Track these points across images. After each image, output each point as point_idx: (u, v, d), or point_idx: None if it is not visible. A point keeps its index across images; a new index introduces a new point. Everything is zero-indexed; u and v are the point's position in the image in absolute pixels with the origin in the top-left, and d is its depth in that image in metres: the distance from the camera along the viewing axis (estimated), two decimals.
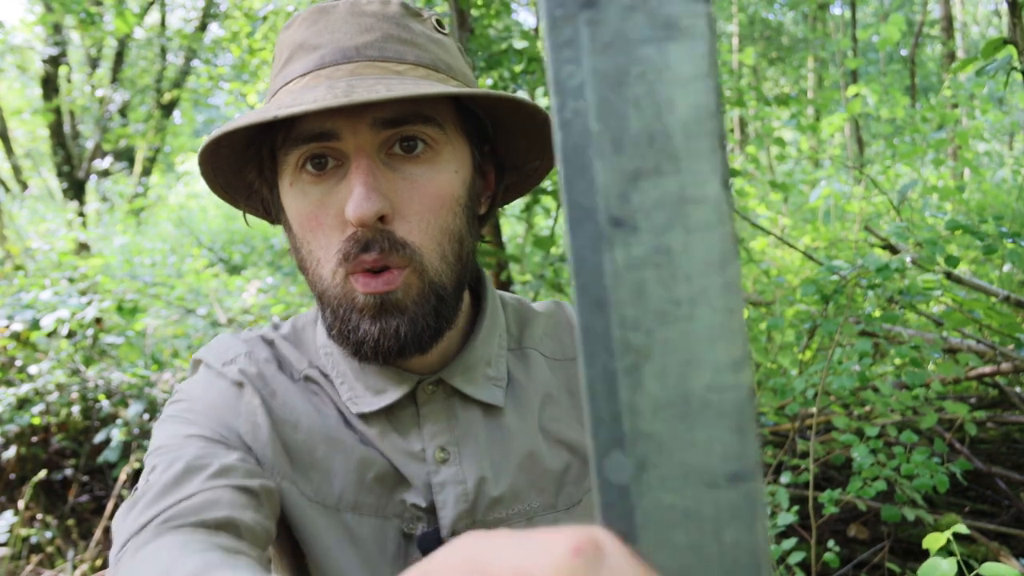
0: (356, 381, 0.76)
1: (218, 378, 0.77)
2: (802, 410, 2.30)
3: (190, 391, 0.78)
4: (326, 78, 0.67)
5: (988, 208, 4.73)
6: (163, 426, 0.75)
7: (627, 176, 0.24)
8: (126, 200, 9.22)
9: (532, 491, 0.78)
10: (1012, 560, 2.01)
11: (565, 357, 0.85)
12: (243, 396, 0.75)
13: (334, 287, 0.69)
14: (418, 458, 0.76)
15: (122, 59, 9.61)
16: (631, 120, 0.24)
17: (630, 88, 0.24)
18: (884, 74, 12.93)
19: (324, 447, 0.74)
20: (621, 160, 0.24)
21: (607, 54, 0.24)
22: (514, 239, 5.29)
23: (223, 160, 0.74)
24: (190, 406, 0.75)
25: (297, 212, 0.70)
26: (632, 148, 0.24)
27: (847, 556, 2.33)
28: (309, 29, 0.71)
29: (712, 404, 0.24)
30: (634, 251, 0.24)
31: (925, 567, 0.85)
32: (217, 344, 0.82)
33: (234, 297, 4.76)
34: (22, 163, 10.07)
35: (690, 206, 0.24)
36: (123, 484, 3.01)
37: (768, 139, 4.90)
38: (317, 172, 0.68)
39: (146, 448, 3.34)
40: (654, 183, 0.24)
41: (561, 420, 0.82)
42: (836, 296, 2.16)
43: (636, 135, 0.24)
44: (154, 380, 3.55)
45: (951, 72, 2.50)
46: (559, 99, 0.25)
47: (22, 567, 2.85)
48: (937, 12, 10.63)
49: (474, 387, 0.78)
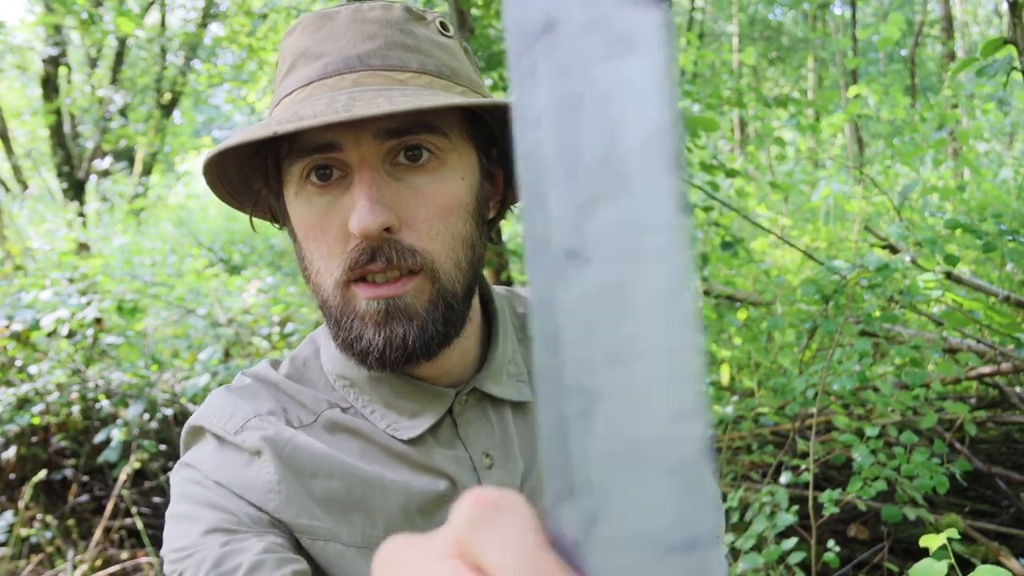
0: (388, 409, 0.74)
1: (232, 451, 0.72)
2: (802, 410, 2.30)
3: (201, 465, 0.73)
4: (329, 88, 0.66)
5: (988, 208, 4.73)
6: (178, 522, 0.69)
7: (581, 204, 0.23)
8: (126, 200, 9.21)
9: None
10: (1012, 560, 2.01)
11: None
12: (262, 466, 0.71)
13: (335, 296, 0.68)
14: (467, 466, 0.76)
15: (122, 59, 9.61)
16: (585, 145, 0.23)
17: (585, 111, 0.23)
18: (884, 74, 12.93)
19: (360, 487, 0.72)
20: (575, 188, 0.23)
21: (563, 79, 0.23)
22: (514, 239, 5.29)
23: (230, 169, 0.73)
24: (203, 491, 0.70)
25: (301, 222, 0.70)
26: (586, 175, 0.23)
27: (847, 556, 2.33)
28: (312, 37, 0.70)
29: (661, 457, 0.22)
30: (586, 284, 0.23)
31: (918, 568, 0.85)
32: (218, 407, 0.76)
33: (234, 297, 4.76)
34: (22, 163, 10.06)
35: (642, 234, 0.22)
36: (123, 484, 3.01)
37: (768, 139, 4.90)
38: (322, 183, 0.68)
39: (146, 448, 3.31)
40: (606, 211, 0.22)
41: None
42: (836, 296, 2.16)
43: (590, 160, 0.23)
44: (154, 380, 3.55)
45: (951, 72, 2.50)
46: (520, 131, 0.24)
47: (22, 567, 2.85)
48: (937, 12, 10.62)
49: (503, 388, 0.78)
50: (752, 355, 3.41)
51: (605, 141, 0.22)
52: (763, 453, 2.54)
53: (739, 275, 4.45)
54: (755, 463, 2.70)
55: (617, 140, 0.22)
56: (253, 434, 0.72)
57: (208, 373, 3.44)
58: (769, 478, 2.33)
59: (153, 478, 3.36)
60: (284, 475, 0.70)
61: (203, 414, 0.76)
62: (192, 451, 0.76)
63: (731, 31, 13.76)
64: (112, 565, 2.90)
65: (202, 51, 9.92)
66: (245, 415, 0.73)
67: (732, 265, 3.83)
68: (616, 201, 0.22)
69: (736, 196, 5.17)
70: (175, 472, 0.76)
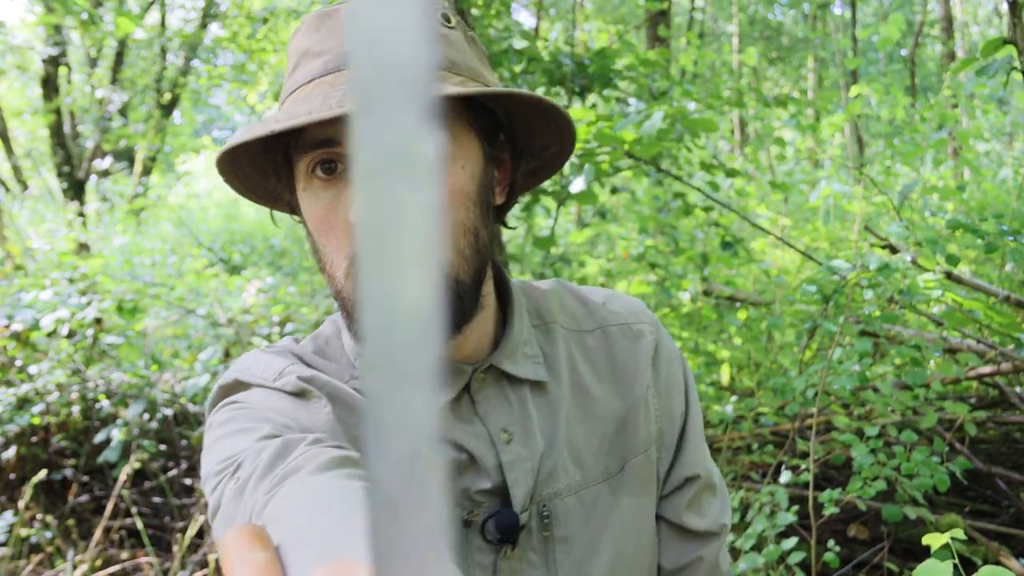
0: None
1: (279, 396, 0.74)
2: (802, 410, 2.30)
3: (250, 400, 0.74)
4: (328, 85, 0.68)
5: (989, 208, 4.73)
6: (225, 440, 0.69)
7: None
8: (126, 200, 9.21)
9: (581, 462, 0.81)
10: (1012, 560, 2.01)
11: (580, 328, 0.88)
12: (310, 402, 0.73)
13: (347, 288, 0.70)
14: (485, 441, 0.78)
15: (122, 59, 9.61)
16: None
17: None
18: (884, 74, 12.93)
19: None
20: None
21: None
22: (514, 239, 5.29)
23: (244, 167, 0.76)
24: (255, 412, 0.71)
25: (311, 215, 0.72)
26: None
27: (847, 556, 2.33)
28: (313, 35, 0.72)
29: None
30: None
31: (921, 568, 0.85)
32: (253, 363, 0.78)
33: (234, 297, 4.75)
34: (22, 163, 10.06)
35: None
36: (123, 484, 3.01)
37: (768, 139, 4.90)
38: (327, 176, 0.69)
39: (146, 448, 3.30)
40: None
41: (588, 391, 0.84)
42: (836, 296, 2.16)
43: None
44: (154, 380, 3.55)
45: (951, 72, 2.50)
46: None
47: (22, 567, 2.85)
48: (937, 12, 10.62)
49: (520, 367, 0.81)
50: (752, 355, 3.41)
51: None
52: (763, 453, 2.54)
53: (739, 275, 4.45)
54: (755, 463, 2.70)
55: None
56: (291, 378, 0.74)
57: (208, 373, 3.44)
58: (769, 478, 2.33)
59: (153, 478, 3.36)
60: (333, 415, 0.72)
61: (238, 369, 0.78)
62: (232, 397, 0.77)
63: (731, 31, 13.76)
64: (112, 565, 2.90)
65: (202, 51, 9.91)
66: (282, 365, 0.76)
67: (732, 265, 3.83)
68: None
69: (736, 196, 5.17)
70: (214, 413, 0.76)
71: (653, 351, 0.89)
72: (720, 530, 0.91)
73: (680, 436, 0.90)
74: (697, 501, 0.90)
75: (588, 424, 0.83)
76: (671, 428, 0.89)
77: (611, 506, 0.82)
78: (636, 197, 4.52)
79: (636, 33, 9.55)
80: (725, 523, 0.92)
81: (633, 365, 0.87)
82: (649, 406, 0.87)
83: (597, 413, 0.84)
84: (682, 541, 0.90)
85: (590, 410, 0.83)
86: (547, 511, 0.79)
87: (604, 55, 3.37)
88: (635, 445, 0.85)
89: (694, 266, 3.80)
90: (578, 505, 0.81)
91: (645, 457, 0.86)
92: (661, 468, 0.88)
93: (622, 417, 0.85)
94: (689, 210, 3.46)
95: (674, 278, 3.73)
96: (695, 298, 3.73)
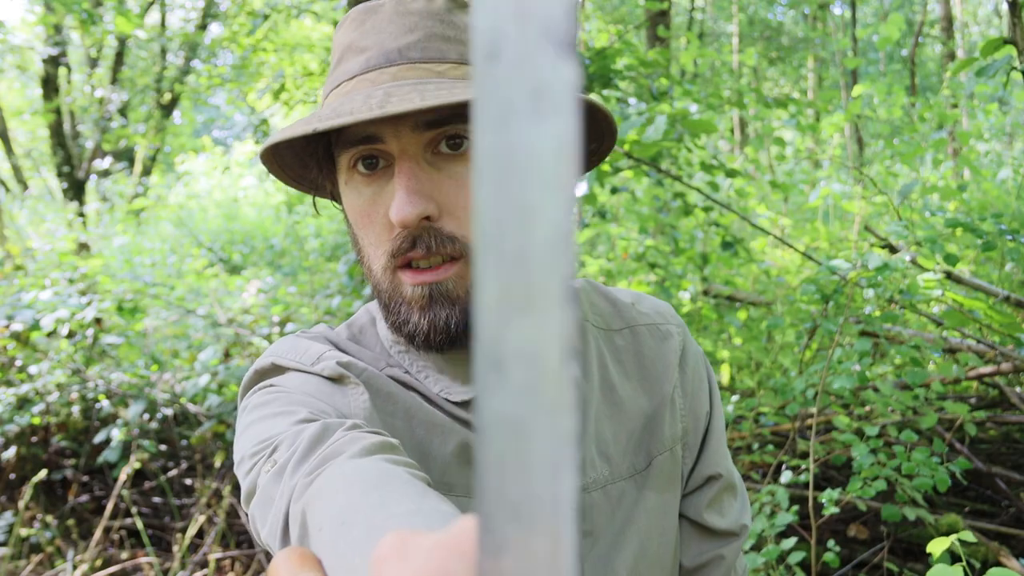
0: (441, 374, 0.78)
1: (317, 380, 0.75)
2: (802, 410, 2.30)
3: (287, 383, 0.75)
4: (369, 83, 0.70)
5: (989, 208, 4.73)
6: (261, 423, 0.69)
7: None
8: (126, 200, 9.21)
9: (607, 458, 0.82)
10: (1012, 560, 2.01)
11: (609, 327, 0.88)
12: (346, 388, 0.74)
13: (384, 281, 0.72)
14: None
15: (122, 59, 9.61)
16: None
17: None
18: (884, 74, 12.93)
19: (421, 429, 0.76)
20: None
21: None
22: None
23: (287, 159, 0.77)
24: (292, 396, 0.72)
25: (352, 209, 0.74)
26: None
27: (847, 556, 2.33)
28: (357, 30, 0.74)
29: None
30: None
31: (932, 573, 0.84)
32: (290, 347, 0.79)
33: (234, 297, 4.75)
34: (22, 163, 10.06)
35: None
36: (123, 484, 3.01)
37: (768, 139, 4.90)
38: (368, 172, 0.71)
39: (146, 448, 3.30)
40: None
41: (616, 389, 0.85)
42: (836, 296, 2.17)
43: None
44: (154, 380, 3.55)
45: (951, 72, 2.50)
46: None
47: (22, 567, 2.85)
48: (937, 12, 10.62)
49: None
50: (752, 355, 3.41)
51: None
52: (763, 453, 2.54)
53: (739, 275, 4.45)
54: (755, 463, 2.70)
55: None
56: (330, 362, 0.75)
57: (208, 373, 3.44)
58: (769, 478, 2.33)
59: (153, 478, 3.36)
60: (370, 400, 0.74)
61: (274, 353, 0.78)
62: (268, 380, 0.77)
63: (731, 31, 13.77)
64: (112, 565, 2.90)
65: (202, 51, 9.91)
66: (319, 350, 0.77)
67: (732, 265, 3.83)
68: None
69: (736, 196, 5.16)
70: (249, 396, 0.77)
71: (680, 352, 0.90)
72: (740, 530, 0.92)
73: (704, 436, 0.91)
74: (719, 500, 0.91)
75: (616, 421, 0.84)
76: (696, 428, 0.90)
77: (636, 502, 0.83)
78: (636, 197, 4.53)
79: (636, 33, 9.55)
80: (745, 524, 0.93)
81: (661, 364, 0.88)
82: (676, 405, 0.88)
83: (625, 410, 0.84)
84: (702, 539, 0.91)
85: (618, 407, 0.84)
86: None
87: (604, 55, 3.37)
88: (661, 442, 0.86)
89: (694, 266, 3.80)
90: (604, 500, 0.81)
91: (671, 455, 0.87)
92: (685, 467, 0.89)
93: (649, 415, 0.86)
94: (689, 210, 3.46)
95: (674, 278, 3.73)
96: (695, 298, 3.73)
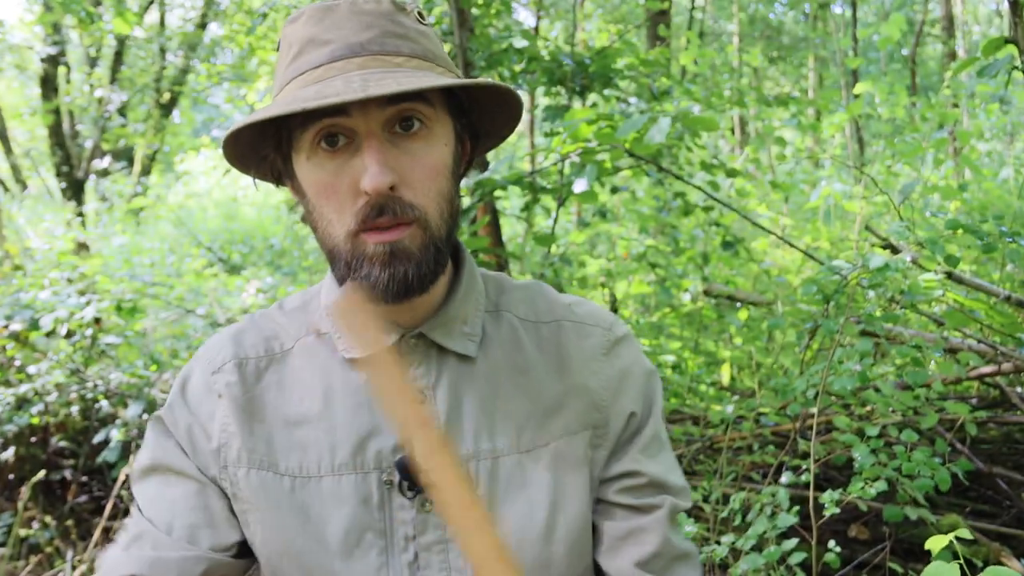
0: (348, 333, 0.88)
1: (206, 392, 0.91)
2: (803, 410, 2.30)
3: (178, 398, 0.93)
4: (339, 71, 0.79)
5: (990, 208, 4.72)
6: (143, 485, 0.92)
7: None
8: (125, 200, 9.20)
9: (496, 433, 0.89)
10: (1013, 561, 2.01)
11: (538, 320, 0.97)
12: (219, 410, 0.89)
13: (345, 243, 0.81)
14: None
15: (121, 59, 9.60)
16: None
17: None
18: (885, 74, 12.93)
19: (318, 410, 0.88)
20: None
21: None
22: (514, 239, 5.29)
23: (243, 137, 0.84)
24: (173, 430, 0.92)
25: (314, 182, 0.82)
26: None
27: (848, 557, 2.32)
28: (316, 26, 0.82)
29: None
30: None
31: (928, 571, 0.84)
32: (209, 347, 0.95)
33: (233, 297, 4.75)
34: (21, 163, 10.06)
35: None
36: (122, 484, 3.01)
37: (769, 139, 4.90)
38: (331, 148, 0.80)
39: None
40: None
41: (527, 373, 0.92)
42: (837, 296, 2.16)
43: None
44: (153, 380, 3.54)
45: (952, 72, 2.49)
46: None
47: (21, 568, 2.84)
48: (938, 11, 10.62)
49: (451, 340, 0.90)
50: (753, 355, 3.40)
51: None
52: (764, 453, 2.53)
53: (739, 275, 4.44)
54: (756, 463, 2.70)
55: None
56: (222, 380, 0.91)
57: None
58: (770, 478, 2.32)
59: None
60: (236, 418, 0.89)
61: (200, 352, 0.96)
62: (183, 379, 0.95)
63: (731, 31, 13.76)
64: None
65: (201, 50, 9.90)
66: (224, 359, 0.92)
67: (732, 265, 3.83)
68: None
69: (737, 196, 5.16)
70: (154, 417, 0.95)
71: (607, 352, 0.95)
72: (671, 491, 0.93)
73: (631, 437, 0.94)
74: (637, 491, 0.93)
75: (516, 401, 0.90)
76: (616, 422, 0.94)
77: (524, 477, 0.89)
78: (636, 197, 4.52)
79: (636, 33, 9.54)
80: (678, 484, 0.95)
81: (578, 355, 0.94)
82: (590, 393, 0.93)
83: (531, 392, 0.91)
84: (615, 520, 0.93)
85: (523, 388, 0.91)
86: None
87: (604, 54, 3.36)
88: (565, 426, 0.91)
89: (694, 266, 3.80)
90: (488, 471, 0.88)
91: (575, 438, 0.91)
92: (598, 455, 0.93)
93: (558, 399, 0.92)
94: (689, 210, 3.46)
95: (674, 278, 3.73)
96: (696, 298, 3.73)
